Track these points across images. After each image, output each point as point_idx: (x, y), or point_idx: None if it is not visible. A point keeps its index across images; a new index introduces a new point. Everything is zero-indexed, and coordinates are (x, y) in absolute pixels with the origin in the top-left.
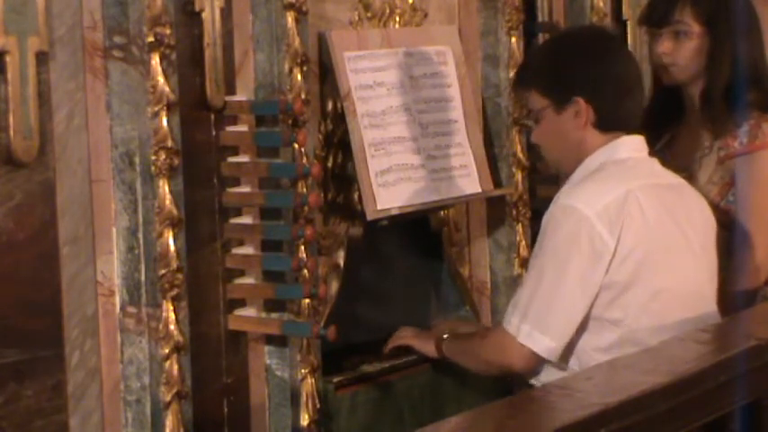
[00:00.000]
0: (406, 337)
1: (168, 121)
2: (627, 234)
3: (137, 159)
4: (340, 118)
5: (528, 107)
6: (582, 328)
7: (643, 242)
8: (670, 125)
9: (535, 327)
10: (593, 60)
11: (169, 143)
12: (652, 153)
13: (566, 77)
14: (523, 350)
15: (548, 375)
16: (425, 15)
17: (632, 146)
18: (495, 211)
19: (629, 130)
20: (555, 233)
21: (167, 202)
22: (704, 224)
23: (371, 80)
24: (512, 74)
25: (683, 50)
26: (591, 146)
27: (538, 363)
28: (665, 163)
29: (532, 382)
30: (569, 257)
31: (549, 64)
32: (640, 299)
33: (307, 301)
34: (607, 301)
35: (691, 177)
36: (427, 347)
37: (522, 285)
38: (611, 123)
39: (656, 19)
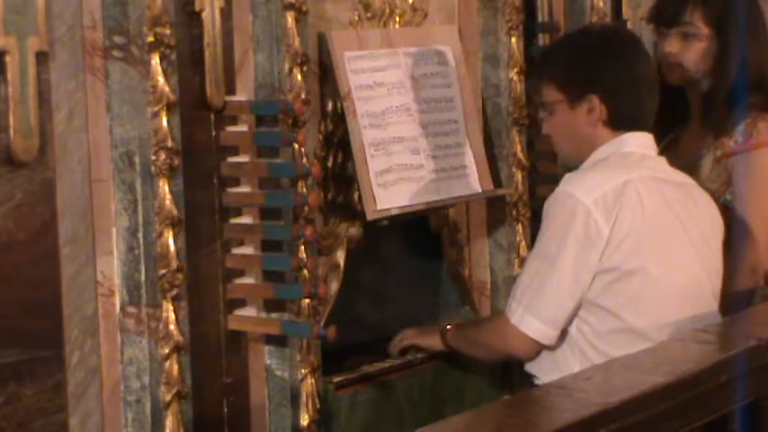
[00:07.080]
0: (409, 336)
1: (168, 121)
2: (622, 221)
3: (137, 159)
4: (340, 118)
5: (541, 99)
6: (579, 314)
7: (638, 229)
8: (674, 125)
9: (528, 311)
10: (611, 59)
11: (169, 143)
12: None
13: (583, 74)
14: (520, 334)
15: (549, 363)
16: (425, 15)
17: (640, 141)
18: (495, 211)
19: (642, 130)
20: (553, 220)
21: (167, 202)
22: (710, 225)
23: (371, 80)
24: (512, 74)
25: (690, 52)
26: (600, 142)
27: (536, 347)
28: (669, 163)
29: (533, 376)
30: (564, 244)
31: (568, 59)
32: (635, 286)
33: (307, 301)
34: (602, 288)
35: (692, 177)
36: (432, 341)
37: (522, 270)
38: (623, 123)
39: (666, 19)
